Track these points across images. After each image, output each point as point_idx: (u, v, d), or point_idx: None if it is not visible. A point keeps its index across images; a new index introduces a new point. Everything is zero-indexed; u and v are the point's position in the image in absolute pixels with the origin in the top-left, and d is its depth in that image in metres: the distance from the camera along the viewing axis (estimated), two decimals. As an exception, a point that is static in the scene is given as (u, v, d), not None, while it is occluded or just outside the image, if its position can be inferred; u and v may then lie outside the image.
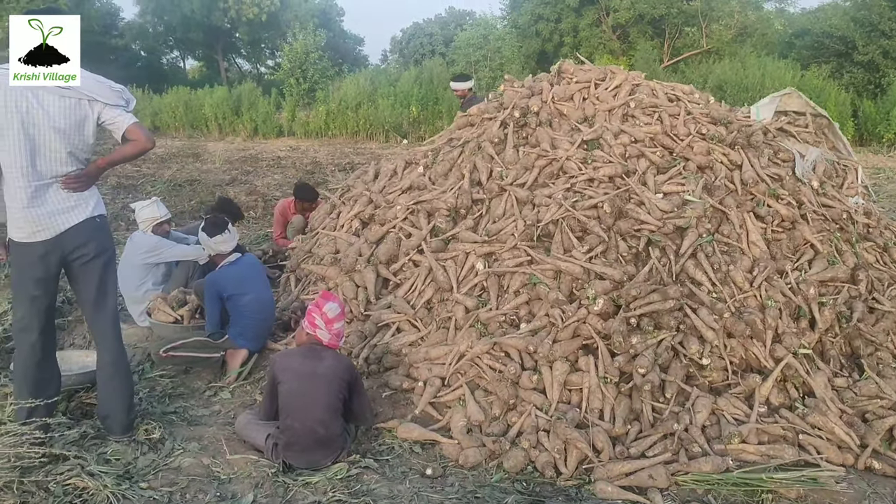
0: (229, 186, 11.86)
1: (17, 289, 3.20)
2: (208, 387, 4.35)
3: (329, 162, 15.47)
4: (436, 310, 4.52)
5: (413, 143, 19.70)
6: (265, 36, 40.27)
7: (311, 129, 20.99)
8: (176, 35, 39.13)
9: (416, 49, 45.00)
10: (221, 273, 4.56)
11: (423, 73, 24.87)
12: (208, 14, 36.15)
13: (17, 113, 3.00)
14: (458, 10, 49.27)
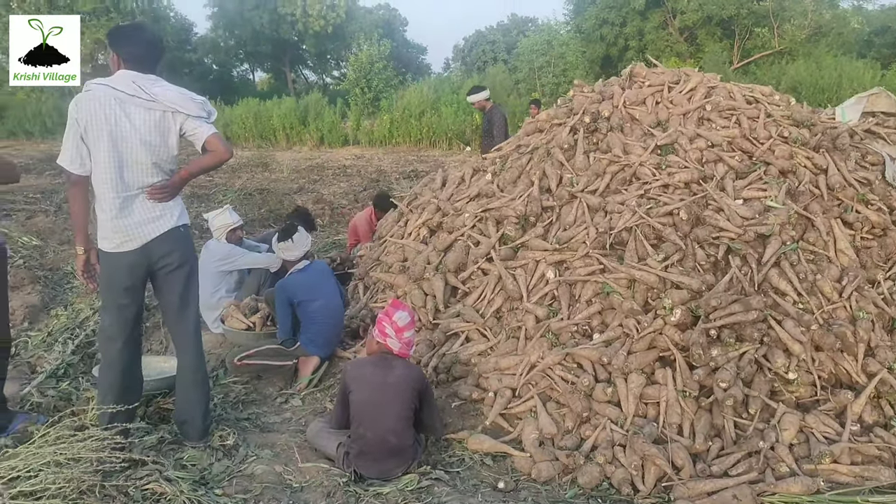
0: (297, 195, 12.08)
1: (106, 298, 3.28)
2: (280, 393, 4.39)
3: (393, 170, 15.61)
4: (505, 319, 4.45)
5: (476, 150, 19.70)
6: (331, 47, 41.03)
7: (375, 138, 21.24)
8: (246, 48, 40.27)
9: (479, 57, 45.05)
10: (291, 279, 4.61)
11: (485, 80, 24.87)
12: (277, 28, 37.08)
13: (107, 126, 3.08)
14: (520, 16, 49.14)
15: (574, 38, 26.30)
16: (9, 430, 3.57)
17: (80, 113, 3.07)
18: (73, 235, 8.50)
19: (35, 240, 8.07)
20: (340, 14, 37.32)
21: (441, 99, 21.92)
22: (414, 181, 13.14)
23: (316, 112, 22.06)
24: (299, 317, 4.53)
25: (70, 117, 3.09)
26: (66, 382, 4.26)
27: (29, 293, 6.03)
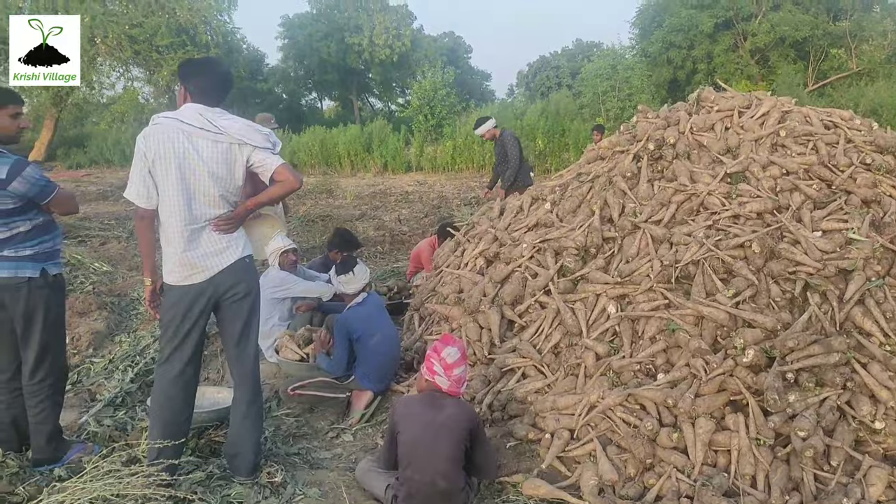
0: (359, 221, 12.16)
1: (167, 330, 3.27)
2: (331, 428, 4.31)
3: (455, 196, 15.58)
4: (564, 355, 4.26)
5: (538, 176, 19.53)
6: (396, 75, 41.69)
7: (438, 164, 21.33)
8: (314, 78, 41.31)
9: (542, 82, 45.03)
10: (351, 314, 4.54)
11: (549, 106, 24.75)
12: (344, 57, 37.94)
13: (175, 159, 3.09)
14: (585, 41, 48.90)
15: (640, 62, 25.92)
16: (63, 461, 3.58)
17: (149, 147, 3.09)
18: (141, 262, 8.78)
19: (106, 266, 8.30)
20: (406, 43, 37.94)
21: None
22: (475, 208, 13.05)
23: (380, 139, 22.33)
24: (356, 351, 4.46)
25: (138, 151, 3.11)
26: (122, 412, 4.28)
27: (95, 319, 6.16)
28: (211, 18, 22.94)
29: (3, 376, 3.63)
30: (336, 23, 38.26)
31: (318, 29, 38.21)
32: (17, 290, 3.41)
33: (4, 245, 3.38)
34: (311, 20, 39.25)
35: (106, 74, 23.64)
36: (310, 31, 38.26)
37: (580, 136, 19.89)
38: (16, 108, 3.43)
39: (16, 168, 3.29)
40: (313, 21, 39.03)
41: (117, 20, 21.27)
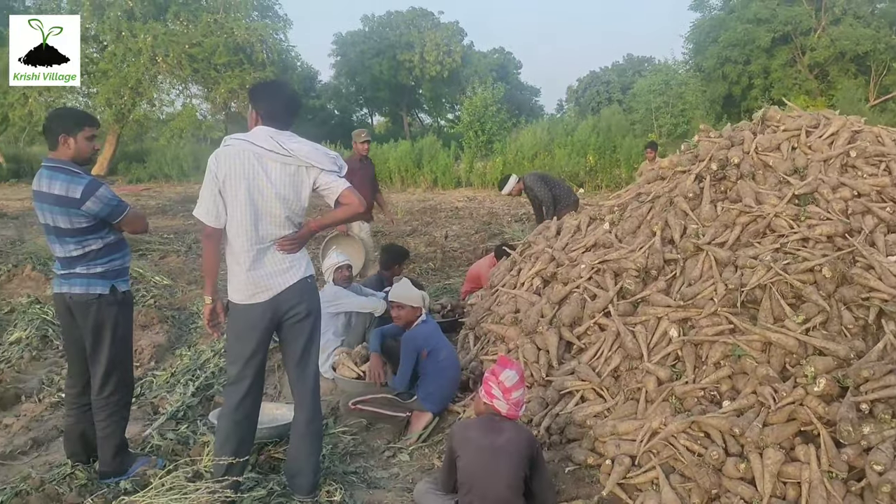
0: (409, 237, 12.22)
1: (233, 349, 3.33)
2: (388, 447, 4.30)
3: (505, 212, 15.54)
4: (624, 379, 4.18)
5: (589, 192, 19.36)
6: (446, 91, 42.04)
7: (487, 180, 21.34)
8: (366, 94, 41.97)
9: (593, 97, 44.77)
10: (419, 330, 4.56)
11: (600, 122, 24.58)
12: (395, 74, 38.45)
13: (245, 179, 3.15)
14: (636, 56, 48.51)
15: (694, 77, 25.57)
16: (129, 473, 3.66)
17: (220, 167, 3.15)
18: (200, 276, 8.97)
19: (166, 279, 8.51)
20: (456, 59, 38.27)
21: (555, 141, 21.81)
22: (526, 224, 13.00)
23: (430, 154, 22.49)
24: (421, 370, 4.46)
25: (209, 171, 3.18)
26: (184, 426, 4.35)
27: (157, 332, 6.31)
28: (267, 37, 23.48)
29: (73, 391, 3.74)
30: (388, 40, 38.85)
31: (371, 46, 38.86)
32: (87, 307, 3.51)
33: (77, 262, 3.49)
34: (364, 38, 39.96)
35: (166, 92, 24.40)
36: (362, 49, 38.94)
37: (632, 152, 19.69)
38: (91, 130, 3.54)
39: (90, 188, 3.40)
40: (365, 39, 39.73)
41: (178, 40, 21.96)
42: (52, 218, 3.42)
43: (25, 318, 6.54)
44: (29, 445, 4.18)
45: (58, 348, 6.09)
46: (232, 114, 25.34)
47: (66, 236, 3.44)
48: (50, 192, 3.39)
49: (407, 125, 42.04)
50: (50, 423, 4.49)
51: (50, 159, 3.48)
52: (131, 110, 22.76)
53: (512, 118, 27.96)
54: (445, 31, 39.14)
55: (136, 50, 21.95)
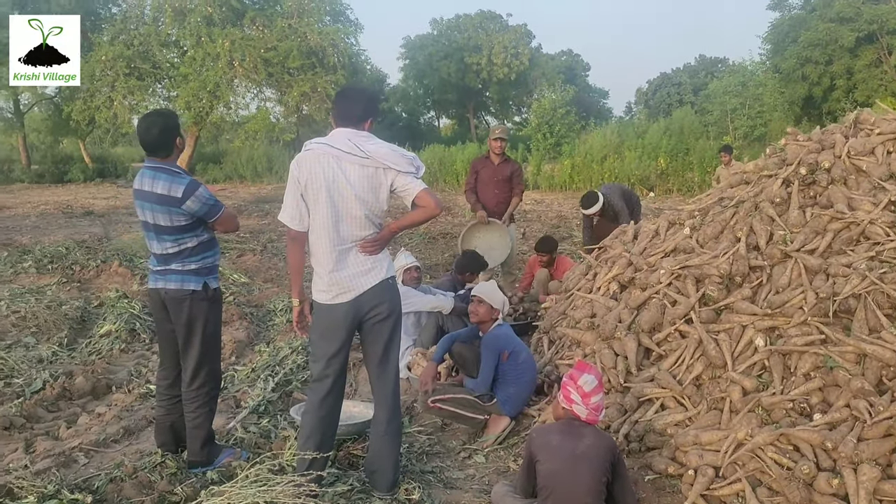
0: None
1: (316, 348, 3.41)
2: (463, 448, 4.32)
3: (574, 215, 15.37)
4: (706, 388, 4.08)
5: (659, 196, 18.98)
6: (513, 94, 41.97)
7: (555, 183, 21.20)
8: (433, 97, 42.26)
9: (663, 99, 43.89)
10: (499, 331, 4.57)
11: (672, 124, 24.07)
12: (463, 77, 38.60)
13: (325, 182, 3.22)
14: (709, 57, 47.28)
15: (772, 78, 24.74)
16: (215, 464, 3.78)
17: (301, 171, 3.23)
18: (276, 275, 9.22)
19: (244, 277, 8.77)
20: (524, 61, 38.14)
21: (625, 143, 21.48)
22: (595, 228, 12.83)
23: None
24: (500, 373, 4.46)
25: (291, 176, 3.26)
26: (266, 420, 4.48)
27: (237, 329, 6.51)
28: (339, 42, 23.91)
29: (164, 382, 3.90)
30: (456, 43, 39.04)
31: (439, 49, 39.12)
32: (181, 302, 3.65)
33: (173, 259, 3.64)
34: (432, 41, 40.26)
35: (241, 95, 25.13)
36: (430, 52, 39.25)
37: (705, 155, 19.19)
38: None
39: (190, 188, 3.54)
40: (434, 42, 40.02)
41: (254, 44, 22.59)
42: (152, 216, 3.57)
43: (114, 312, 6.85)
44: (120, 434, 4.37)
45: (145, 341, 6.36)
46: (303, 116, 25.90)
47: (164, 234, 3.58)
48: (153, 191, 3.54)
49: (474, 127, 42.10)
50: (139, 413, 4.68)
51: (152, 160, 3.64)
52: (209, 113, 23.53)
53: (580, 121, 27.67)
54: (513, 33, 39.06)
55: (214, 55, 22.70)
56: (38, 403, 4.79)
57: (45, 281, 8.82)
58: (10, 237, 12.59)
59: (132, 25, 24.39)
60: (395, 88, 42.23)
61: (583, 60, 46.89)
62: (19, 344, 6.09)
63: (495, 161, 7.34)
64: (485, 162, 7.42)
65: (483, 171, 7.38)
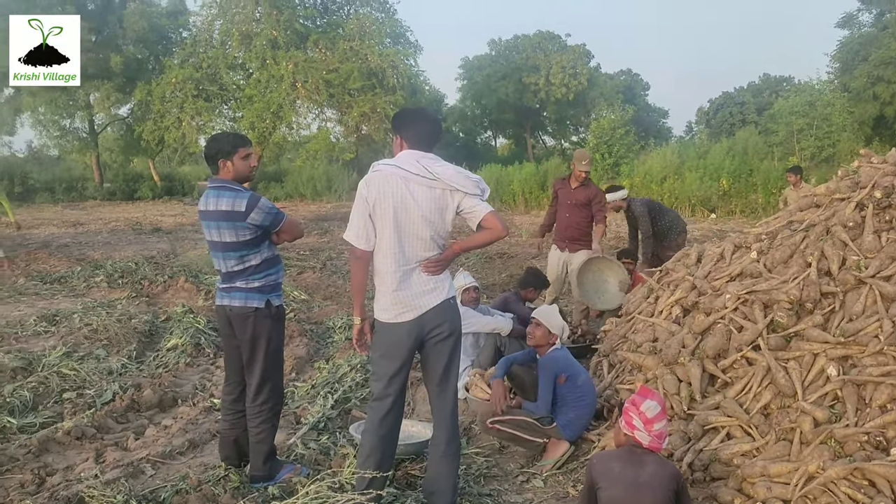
0: (535, 260, 12.16)
1: (378, 366, 3.43)
2: (521, 471, 4.28)
3: (633, 237, 15.14)
4: (775, 418, 3.94)
5: (721, 217, 18.54)
6: (571, 113, 41.75)
7: (614, 203, 20.91)
8: (490, 117, 42.40)
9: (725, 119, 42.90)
10: (557, 354, 4.53)
11: (735, 145, 23.56)
12: (520, 97, 38.65)
13: (393, 202, 3.26)
14: (774, 76, 46.10)
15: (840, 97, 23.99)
16: (276, 479, 3.84)
17: (370, 192, 3.28)
18: (335, 292, 9.36)
19: (303, 294, 8.93)
20: (582, 81, 37.96)
21: (685, 164, 21.09)
22: (655, 250, 12.60)
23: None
24: (559, 396, 4.41)
25: (359, 195, 3.31)
26: (325, 437, 4.53)
27: (297, 345, 6.61)
28: (398, 63, 24.29)
29: (229, 397, 3.98)
30: (514, 63, 39.18)
31: (497, 70, 39.31)
32: (245, 319, 3.74)
33: (237, 277, 3.74)
34: (490, 61, 40.50)
35: (303, 116, 25.74)
36: (488, 72, 39.47)
37: (770, 176, 18.68)
38: (245, 150, 3.79)
39: (252, 201, 3.64)
40: (492, 62, 40.25)
41: (316, 66, 23.16)
42: (218, 233, 3.67)
43: (181, 327, 7.06)
44: (185, 447, 4.48)
45: (209, 356, 6.53)
46: (362, 136, 26.34)
47: (229, 251, 3.68)
48: (217, 209, 3.65)
49: (531, 147, 42.05)
50: (204, 427, 4.79)
51: (215, 179, 3.76)
52: (272, 133, 24.18)
53: (639, 141, 27.34)
54: (572, 53, 38.94)
55: (278, 77, 23.35)
56: (108, 414, 4.95)
57: (115, 295, 9.17)
58: (84, 252, 13.16)
59: (201, 49, 25.32)
60: (452, 108, 42.54)
61: (642, 80, 46.33)
62: (91, 356, 6.32)
63: (573, 185, 7.17)
64: (563, 183, 7.35)
65: (561, 191, 7.32)
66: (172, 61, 26.07)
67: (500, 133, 47.68)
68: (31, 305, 8.76)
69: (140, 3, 28.23)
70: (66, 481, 3.98)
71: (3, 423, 4.71)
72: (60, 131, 31.02)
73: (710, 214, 18.81)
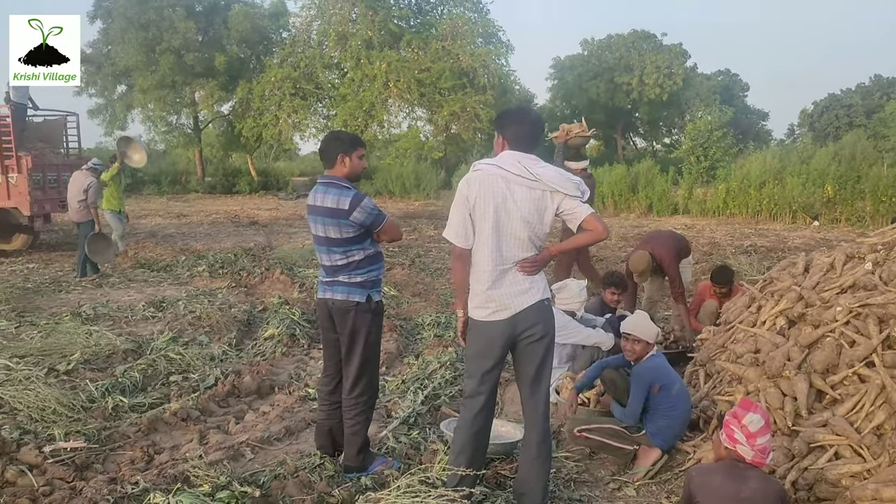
0: (624, 264, 11.91)
1: (471, 364, 3.46)
2: (612, 479, 4.20)
3: (728, 243, 14.63)
4: (889, 438, 3.71)
5: (825, 225, 17.62)
6: (664, 114, 40.69)
7: (707, 208, 20.28)
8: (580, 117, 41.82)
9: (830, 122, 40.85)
10: (651, 363, 4.42)
11: (842, 149, 22.35)
12: (612, 97, 37.98)
13: (493, 202, 3.28)
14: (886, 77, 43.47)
15: (962, 99, 22.37)
16: (369, 470, 3.93)
17: (471, 191, 3.30)
18: (423, 289, 9.46)
19: (393, 290, 9.07)
20: (677, 81, 36.92)
21: (787, 169, 20.15)
22: (752, 257, 12.13)
23: (647, 179, 21.83)
24: (651, 405, 4.31)
25: (459, 194, 3.34)
26: (416, 431, 4.59)
27: (387, 340, 6.72)
28: (490, 63, 24.31)
29: (326, 388, 4.10)
30: (606, 63, 38.55)
31: (588, 69, 38.79)
32: (346, 313, 3.84)
33: (341, 271, 3.84)
34: (582, 61, 39.99)
35: (394, 114, 26.15)
36: (579, 72, 38.99)
37: (879, 183, 17.58)
38: (362, 150, 3.91)
39: (356, 199, 3.73)
40: (584, 62, 39.74)
41: (409, 66, 23.48)
42: (323, 229, 3.78)
43: (277, 317, 7.32)
44: (282, 433, 4.64)
45: (303, 346, 6.73)
46: (452, 135, 26.51)
47: (334, 246, 3.79)
48: (323, 206, 3.76)
49: (621, 149, 41.25)
50: (299, 415, 4.95)
51: (325, 177, 3.87)
52: (363, 131, 24.68)
53: (737, 143, 26.34)
54: (668, 52, 37.94)
55: (371, 76, 23.82)
56: (210, 398, 5.18)
57: (216, 284, 9.60)
58: (187, 243, 13.83)
59: (299, 49, 26.13)
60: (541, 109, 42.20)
61: (741, 80, 44.64)
62: (194, 341, 6.65)
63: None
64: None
65: None
66: (272, 61, 27.02)
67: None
68: (139, 291, 9.29)
69: (244, 4, 29.40)
70: (172, 460, 4.20)
71: (116, 401, 5.02)
72: (167, 127, 32.70)
73: (812, 222, 17.93)
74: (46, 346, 6.23)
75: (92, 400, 5.05)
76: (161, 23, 27.45)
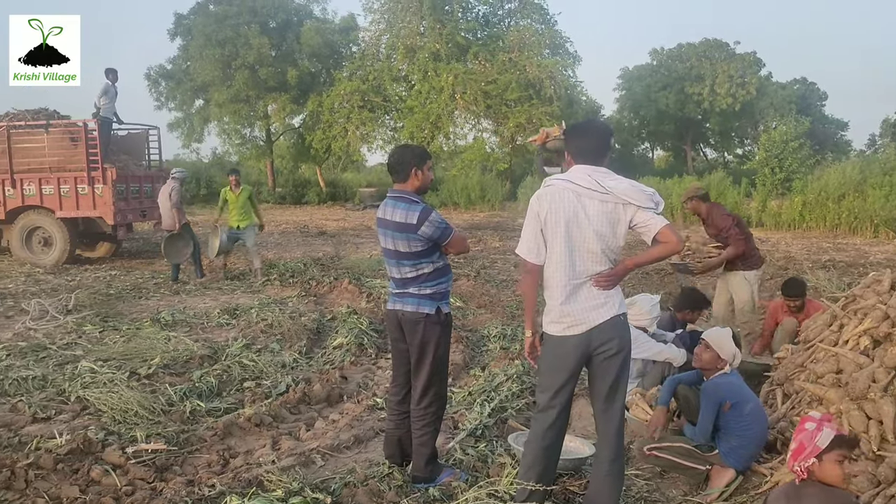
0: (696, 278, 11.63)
1: (544, 378, 3.45)
2: (684, 499, 4.10)
3: (805, 258, 14.10)
4: None
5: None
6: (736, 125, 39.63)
7: (782, 221, 19.60)
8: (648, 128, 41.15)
9: (917, 131, 38.86)
10: (722, 380, 4.31)
11: (931, 162, 21.28)
12: (682, 107, 37.23)
13: (565, 217, 3.27)
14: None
15: None
16: (437, 481, 3.94)
17: (542, 207, 3.30)
18: (489, 301, 9.46)
19: (458, 301, 9.10)
20: (750, 91, 35.90)
21: (868, 181, 19.31)
22: (832, 272, 11.65)
23: (718, 191, 21.23)
24: (723, 424, 4.19)
25: (531, 210, 3.35)
26: (482, 444, 4.58)
27: (454, 352, 6.73)
28: (557, 74, 24.23)
29: (395, 398, 4.14)
30: (676, 73, 37.85)
31: (657, 80, 38.15)
32: (416, 324, 3.88)
33: (410, 283, 3.89)
34: (651, 71, 39.37)
35: (460, 126, 26.33)
36: (648, 83, 38.39)
37: (968, 197, 16.66)
38: (430, 162, 3.97)
39: (424, 214, 3.77)
40: (652, 72, 39.12)
41: (476, 78, 23.63)
42: (392, 242, 3.84)
43: (345, 327, 7.45)
44: (351, 442, 4.70)
45: (371, 356, 6.82)
46: (517, 147, 26.49)
47: (403, 259, 3.84)
48: (392, 220, 3.82)
49: (690, 160, 40.33)
50: (368, 424, 5.01)
51: (394, 190, 3.93)
52: (430, 143, 24.93)
53: (815, 154, 25.40)
54: (740, 61, 36.91)
55: (438, 88, 24.06)
56: (282, 405, 5.31)
57: (287, 293, 9.85)
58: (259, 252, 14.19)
59: (368, 62, 26.62)
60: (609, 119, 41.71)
61: (818, 89, 43.04)
62: (267, 349, 6.82)
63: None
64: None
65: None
66: (342, 74, 27.62)
67: (657, 144, 46.15)
68: (214, 299, 9.61)
69: (316, 20, 30.16)
70: (246, 464, 4.32)
71: (193, 405, 5.20)
72: (241, 139, 33.76)
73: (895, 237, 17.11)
74: (128, 351, 6.52)
75: (171, 403, 5.25)
76: (237, 39, 28.40)
